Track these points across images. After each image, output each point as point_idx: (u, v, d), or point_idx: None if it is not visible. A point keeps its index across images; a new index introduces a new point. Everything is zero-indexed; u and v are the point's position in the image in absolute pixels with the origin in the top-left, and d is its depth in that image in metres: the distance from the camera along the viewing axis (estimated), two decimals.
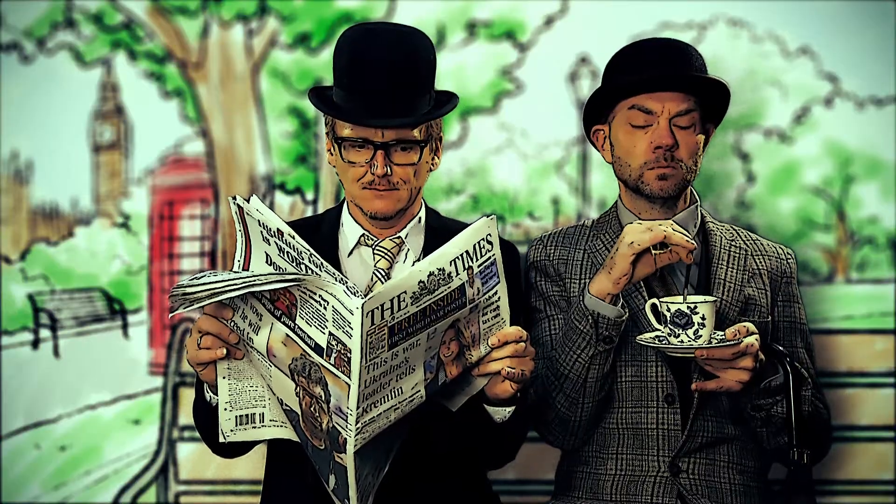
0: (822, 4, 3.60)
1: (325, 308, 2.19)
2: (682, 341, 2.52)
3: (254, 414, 2.44)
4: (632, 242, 2.52)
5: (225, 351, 2.37)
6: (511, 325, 2.42)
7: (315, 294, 2.20)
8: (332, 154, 2.69)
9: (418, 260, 2.67)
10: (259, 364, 2.37)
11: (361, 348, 2.14)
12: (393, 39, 2.60)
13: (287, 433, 2.43)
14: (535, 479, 3.51)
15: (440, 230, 2.71)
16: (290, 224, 2.80)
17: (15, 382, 3.65)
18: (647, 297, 2.67)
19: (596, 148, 2.88)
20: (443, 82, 3.64)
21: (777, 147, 3.63)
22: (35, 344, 3.66)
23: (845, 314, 3.61)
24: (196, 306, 2.27)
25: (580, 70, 3.62)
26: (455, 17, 3.66)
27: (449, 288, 2.25)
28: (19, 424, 3.65)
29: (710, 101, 2.77)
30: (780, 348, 2.62)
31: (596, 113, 2.82)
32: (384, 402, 2.24)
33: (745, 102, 3.62)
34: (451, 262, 2.25)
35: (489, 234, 2.30)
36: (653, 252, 2.54)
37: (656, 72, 2.72)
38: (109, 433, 3.63)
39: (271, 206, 3.64)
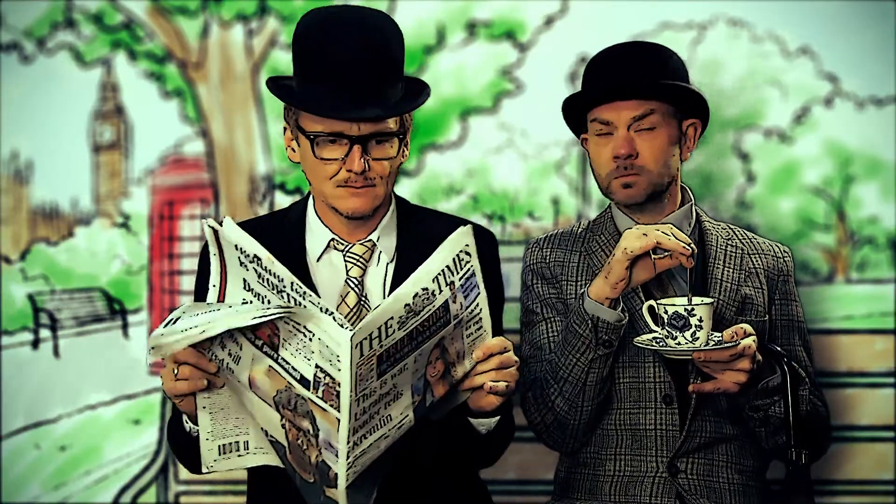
0: (822, 4, 3.59)
1: (310, 340, 2.06)
2: (679, 343, 2.52)
3: (237, 442, 2.29)
4: (625, 248, 2.52)
5: (205, 382, 2.21)
6: (491, 317, 2.29)
7: (300, 325, 2.06)
8: (294, 151, 2.50)
9: (392, 262, 2.54)
10: (241, 392, 2.22)
11: (351, 381, 2.02)
12: (363, 24, 2.40)
13: (274, 460, 2.29)
14: (535, 480, 3.52)
15: (413, 225, 2.57)
16: (253, 221, 2.68)
17: (15, 382, 3.66)
18: (643, 299, 2.67)
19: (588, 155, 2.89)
20: (443, 82, 3.67)
21: (777, 147, 3.63)
22: (35, 344, 3.67)
23: (845, 314, 3.61)
24: (174, 349, 2.12)
25: (580, 70, 3.59)
26: (455, 17, 3.66)
27: (434, 307, 2.12)
28: (19, 424, 3.66)
29: (683, 99, 2.76)
30: (778, 349, 2.62)
31: (580, 122, 2.83)
32: (374, 431, 2.13)
33: (745, 102, 3.62)
34: (433, 280, 2.11)
35: (467, 245, 2.17)
36: (652, 257, 2.53)
37: (603, 83, 2.72)
38: (109, 433, 3.63)
39: (271, 206, 3.64)
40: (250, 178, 3.69)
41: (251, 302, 2.19)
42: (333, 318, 2.06)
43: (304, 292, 2.10)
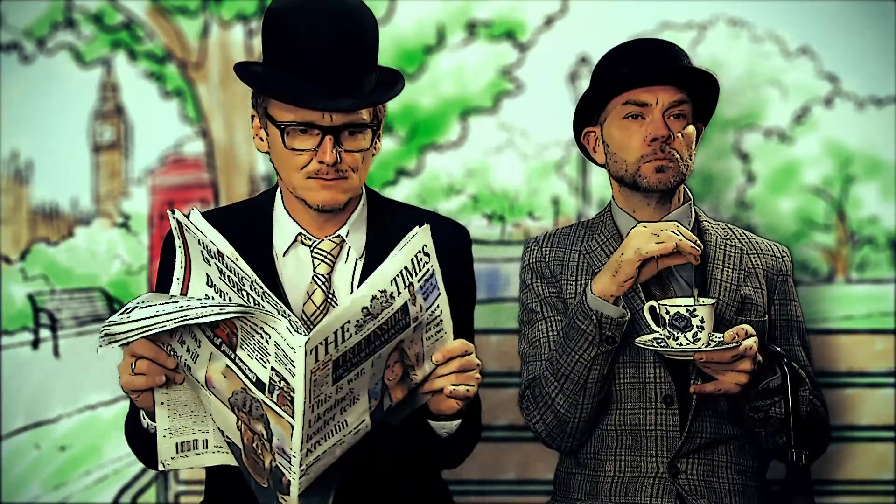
0: (822, 4, 3.59)
1: (267, 342, 2.01)
2: (680, 344, 2.52)
3: (196, 440, 2.25)
4: (639, 249, 2.52)
5: (164, 378, 2.16)
6: (463, 316, 2.26)
7: (257, 326, 2.01)
8: (263, 140, 2.44)
9: (361, 258, 2.48)
10: (199, 391, 2.17)
11: (305, 387, 1.97)
12: (337, 11, 2.32)
13: (233, 460, 2.24)
14: (535, 480, 3.51)
15: (384, 220, 2.51)
16: (221, 210, 2.66)
17: (15, 382, 3.65)
18: (644, 299, 2.67)
19: (585, 153, 2.88)
20: (443, 82, 3.67)
21: (777, 147, 3.62)
22: (35, 344, 3.66)
23: (845, 314, 3.61)
24: (125, 340, 2.08)
25: (580, 70, 3.61)
26: (455, 17, 3.65)
27: (392, 310, 2.06)
28: (19, 424, 3.65)
29: (698, 98, 2.78)
30: (778, 349, 2.62)
31: (586, 115, 2.83)
32: (329, 437, 2.08)
33: (745, 102, 3.62)
34: (391, 282, 2.06)
35: (425, 246, 2.10)
36: (656, 256, 2.54)
37: (648, 66, 2.73)
38: (109, 433, 3.62)
39: None
40: (250, 178, 3.68)
41: (212, 298, 2.14)
42: (290, 321, 2.00)
43: (264, 292, 2.06)
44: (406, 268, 2.08)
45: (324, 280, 2.44)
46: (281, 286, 2.46)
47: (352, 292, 2.42)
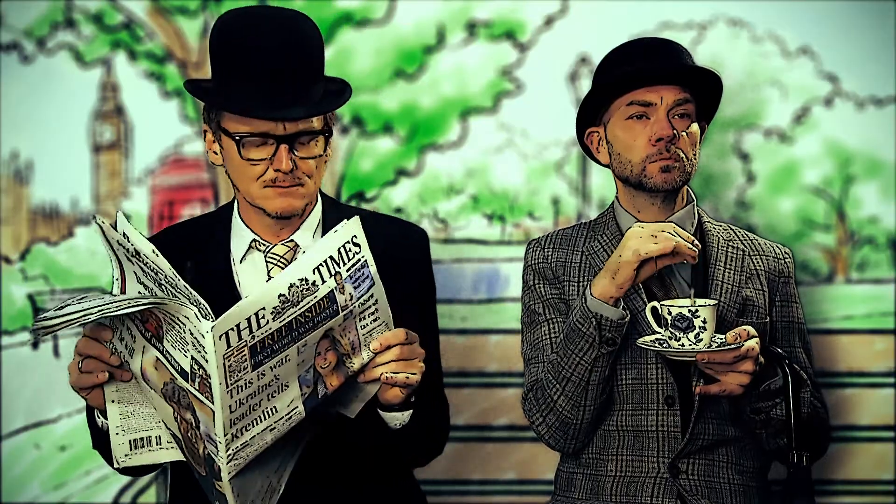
0: (822, 4, 3.60)
1: (184, 331, 2.06)
2: (682, 345, 2.52)
3: (149, 437, 2.30)
4: (637, 250, 2.52)
5: (107, 375, 2.22)
6: (425, 316, 2.32)
7: (175, 317, 2.07)
8: (217, 154, 2.49)
9: None
10: (143, 387, 2.24)
11: (219, 372, 2.02)
12: (280, 23, 2.39)
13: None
14: (535, 479, 3.52)
15: (337, 224, 2.53)
16: (181, 226, 2.73)
17: (15, 382, 3.65)
18: (645, 300, 2.67)
19: (588, 153, 2.88)
20: (443, 82, 3.67)
21: (777, 147, 3.63)
22: (35, 344, 3.66)
23: (845, 314, 3.61)
24: (56, 331, 2.12)
25: (580, 70, 3.61)
26: (455, 17, 3.65)
27: (315, 298, 2.11)
28: (19, 424, 3.65)
29: (701, 97, 2.78)
30: (779, 351, 2.63)
31: (589, 116, 2.82)
32: (256, 423, 2.12)
33: (745, 102, 3.62)
34: (313, 271, 2.11)
35: (355, 236, 2.16)
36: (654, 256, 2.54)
37: (651, 65, 2.73)
38: None
39: None
40: None
41: (140, 293, 2.20)
42: (199, 308, 2.05)
43: (178, 283, 2.10)
44: (332, 257, 2.13)
45: None
46: (238, 292, 2.52)
47: None
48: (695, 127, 2.74)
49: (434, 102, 3.66)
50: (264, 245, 2.52)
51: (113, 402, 2.27)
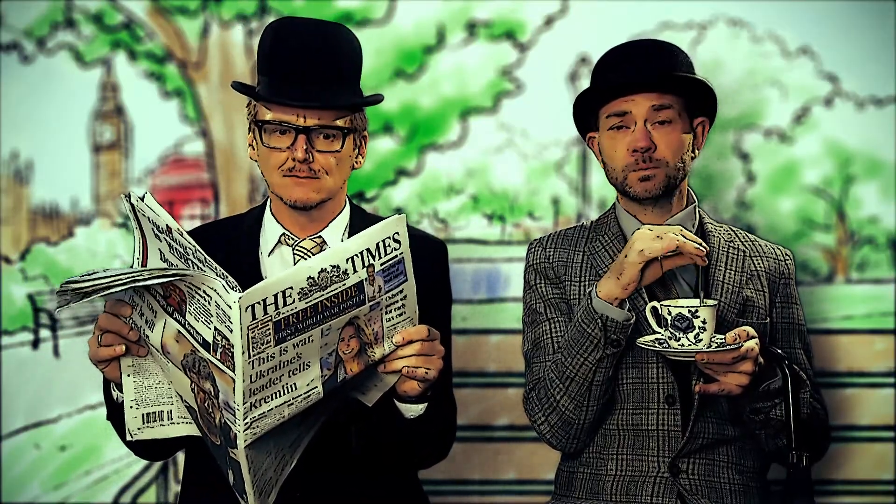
0: (822, 4, 3.60)
1: (209, 303, 2.15)
2: (682, 345, 2.53)
3: (161, 411, 2.40)
4: (642, 250, 2.52)
5: (124, 348, 2.33)
6: (438, 320, 2.40)
7: (199, 289, 2.16)
8: (253, 148, 2.66)
9: None
10: (160, 361, 2.33)
11: (242, 343, 2.10)
12: (314, 28, 2.62)
13: (196, 430, 2.39)
14: (535, 480, 3.52)
15: (365, 228, 2.63)
16: (213, 224, 2.88)
17: (15, 382, 3.65)
18: (647, 300, 2.67)
19: (594, 155, 2.89)
20: (443, 82, 3.67)
21: (777, 147, 3.63)
22: (35, 344, 3.66)
23: (845, 314, 3.61)
24: (84, 301, 2.22)
25: (580, 70, 3.61)
26: (455, 17, 3.66)
27: (343, 285, 2.20)
28: (19, 424, 3.65)
29: (694, 95, 2.77)
30: (779, 351, 2.63)
31: (589, 120, 2.83)
32: (275, 397, 2.21)
33: (745, 102, 3.62)
34: (347, 260, 2.20)
35: (397, 233, 2.27)
36: (659, 258, 2.54)
37: (620, 76, 2.73)
38: (109, 433, 3.56)
39: None
40: (250, 178, 3.68)
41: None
42: (226, 281, 2.17)
43: (205, 259, 2.22)
44: (369, 249, 2.23)
45: None
46: None
47: None
48: (678, 132, 2.73)
49: (434, 102, 3.66)
50: (293, 239, 2.66)
51: (129, 376, 2.37)
